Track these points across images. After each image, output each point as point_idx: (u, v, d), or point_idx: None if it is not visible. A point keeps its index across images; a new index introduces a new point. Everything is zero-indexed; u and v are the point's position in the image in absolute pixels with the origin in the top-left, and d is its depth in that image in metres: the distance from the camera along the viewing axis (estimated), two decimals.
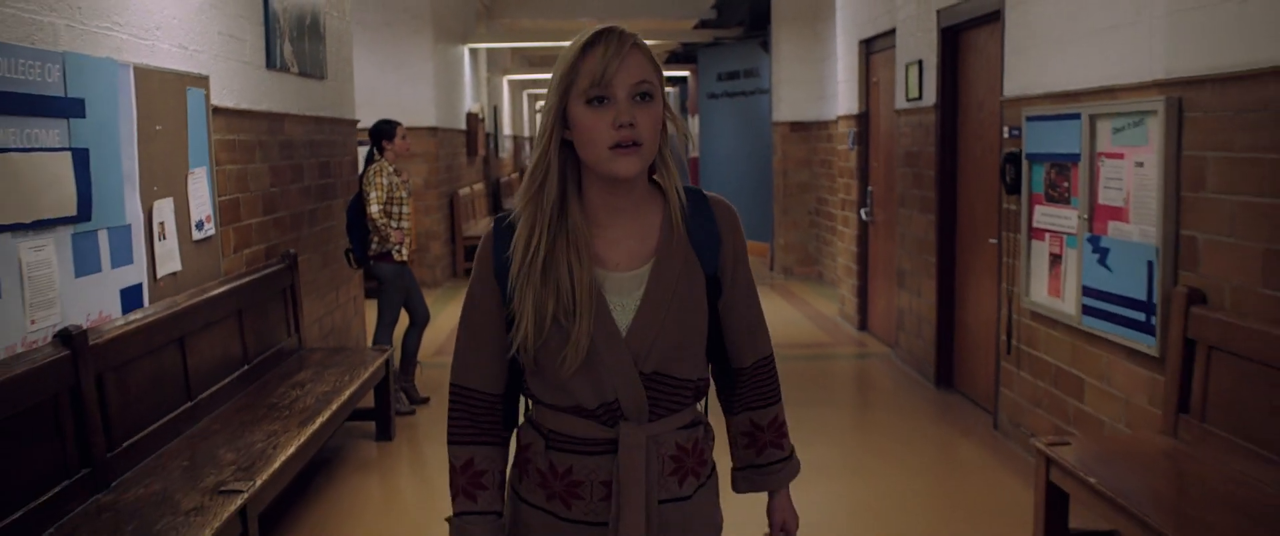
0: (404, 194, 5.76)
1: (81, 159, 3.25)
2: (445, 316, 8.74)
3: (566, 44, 1.65)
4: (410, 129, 8.82)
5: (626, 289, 1.67)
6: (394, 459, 5.16)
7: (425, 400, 6.05)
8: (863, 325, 8.09)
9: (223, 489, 3.21)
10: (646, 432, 1.68)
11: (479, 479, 1.73)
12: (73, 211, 3.20)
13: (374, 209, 5.61)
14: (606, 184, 1.64)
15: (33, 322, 2.99)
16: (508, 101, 19.55)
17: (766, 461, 1.86)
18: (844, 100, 8.38)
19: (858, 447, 5.27)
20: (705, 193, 1.75)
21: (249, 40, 4.92)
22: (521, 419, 1.79)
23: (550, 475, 1.70)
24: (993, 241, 5.35)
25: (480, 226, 12.99)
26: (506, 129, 19.07)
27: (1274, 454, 3.03)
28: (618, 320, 1.66)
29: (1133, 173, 3.83)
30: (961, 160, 5.89)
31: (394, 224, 5.70)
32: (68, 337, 3.07)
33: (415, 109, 10.38)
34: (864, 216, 7.91)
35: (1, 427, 2.73)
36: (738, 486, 1.89)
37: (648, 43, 1.64)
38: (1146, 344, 3.73)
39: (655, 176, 1.70)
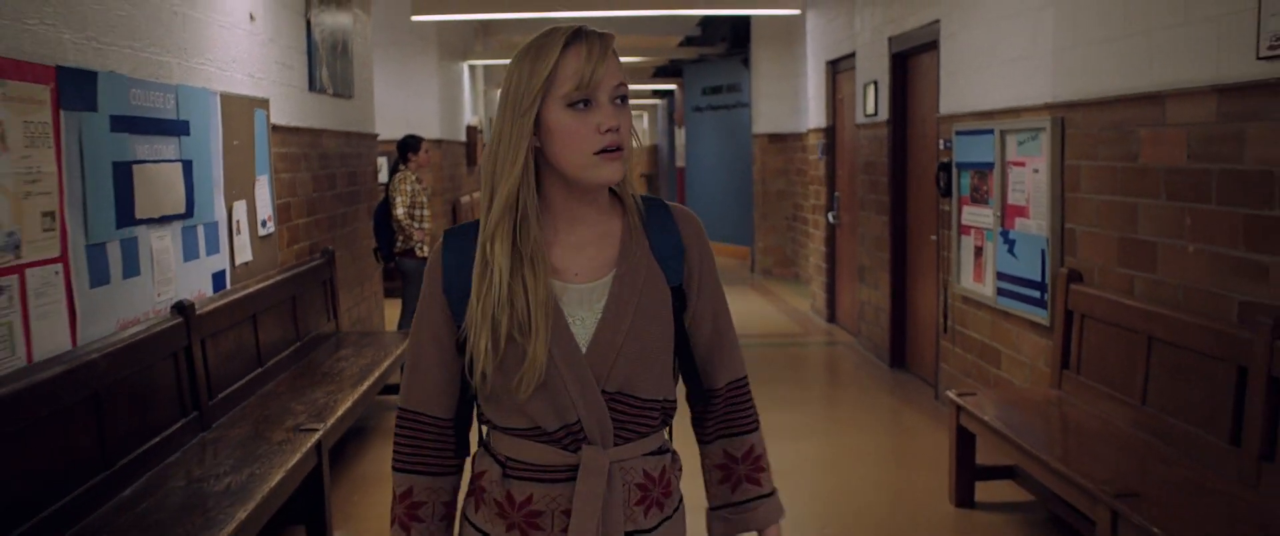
0: (424, 199, 6.62)
1: (187, 169, 4.09)
2: None
3: (528, 40, 1.56)
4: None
5: (586, 301, 1.59)
6: None
7: None
8: (831, 318, 8.96)
9: (301, 428, 4.05)
10: (610, 457, 1.58)
11: (415, 510, 1.66)
12: (182, 210, 4.05)
13: (400, 211, 6.47)
14: (571, 191, 1.58)
15: (159, 295, 3.83)
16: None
17: (742, 498, 1.72)
18: (814, 114, 9.26)
19: (821, 416, 6.13)
20: (666, 202, 1.69)
21: (296, 67, 5.77)
22: (475, 446, 1.71)
23: (507, 505, 1.60)
24: (933, 238, 6.23)
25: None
26: None
27: (1127, 397, 3.89)
28: (577, 335, 1.57)
29: (1031, 178, 4.71)
30: (910, 168, 6.77)
31: (417, 225, 6.55)
32: (182, 308, 3.92)
33: (421, 122, 11.22)
34: (831, 220, 8.79)
35: (140, 375, 3.56)
36: (713, 529, 1.74)
37: (637, 59, 1.81)
38: (1041, 316, 4.60)
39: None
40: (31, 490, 2.84)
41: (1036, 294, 4.66)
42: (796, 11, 9.07)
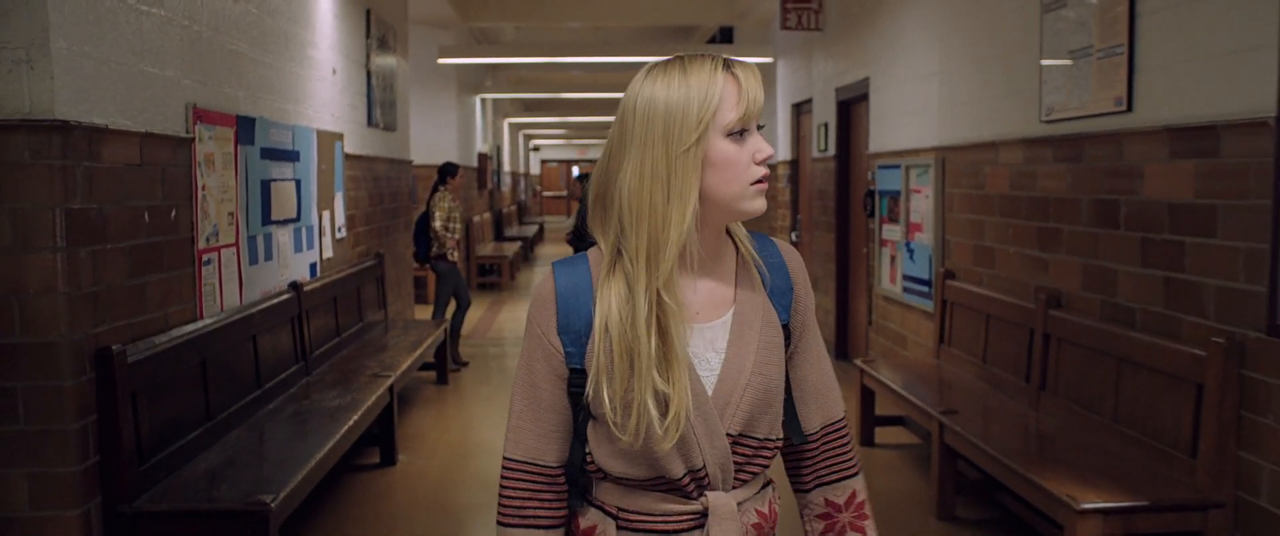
0: (457, 214, 8.15)
1: (298, 186, 5.61)
2: (469, 311, 11.08)
3: (662, 65, 1.50)
4: (436, 167, 11.21)
5: (709, 341, 1.54)
6: (447, 395, 7.50)
7: (465, 363, 8.39)
8: None
9: (377, 375, 5.55)
10: (734, 500, 1.54)
11: None
12: (294, 215, 5.56)
13: (437, 223, 7.99)
14: (703, 229, 1.52)
15: (281, 275, 5.34)
16: (507, 142, 21.99)
17: None
18: (782, 148, 10.81)
19: None
20: (771, 238, 1.65)
21: (360, 107, 7.30)
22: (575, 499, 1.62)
23: None
24: (864, 251, 7.76)
25: (490, 247, 15.37)
26: (506, 166, 21.49)
27: (975, 358, 5.38)
28: (703, 377, 1.53)
29: (924, 202, 6.24)
30: (851, 195, 8.30)
31: (449, 234, 8.07)
32: (295, 286, 5.42)
33: (441, 150, 12.76)
34: (794, 238, 10.32)
35: (275, 329, 5.06)
36: None
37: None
38: (929, 306, 6.12)
39: None
40: (223, 393, 4.33)
41: (927, 289, 6.18)
42: (769, 60, 10.65)
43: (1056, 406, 4.47)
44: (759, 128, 1.53)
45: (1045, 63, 4.62)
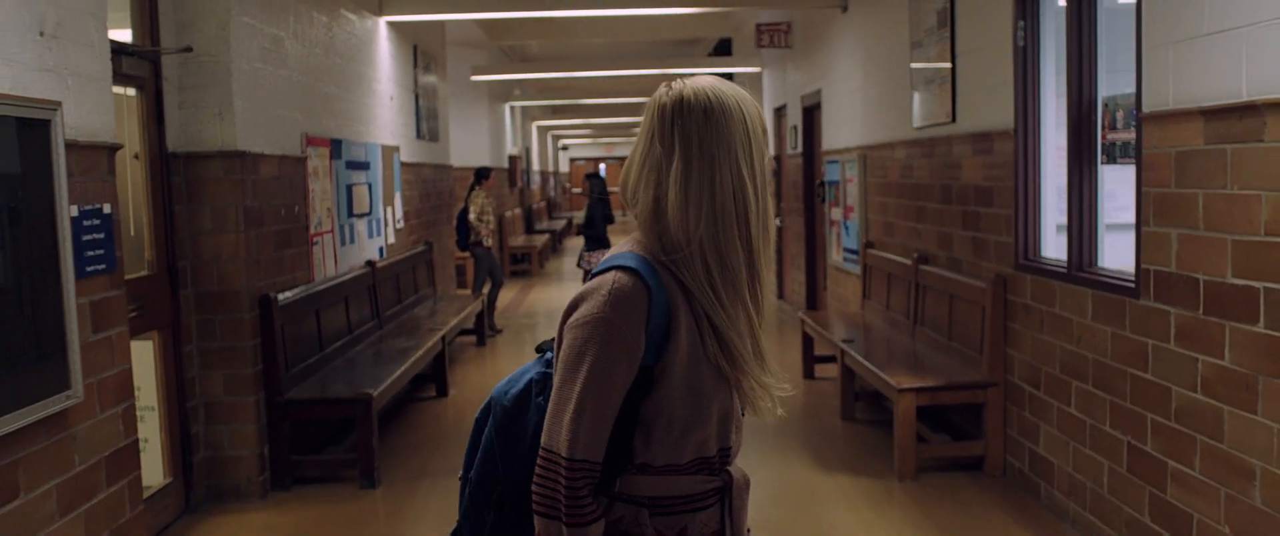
0: (490, 208, 9.97)
1: (369, 188, 7.43)
2: (503, 292, 12.92)
3: (738, 93, 1.70)
4: (471, 169, 13.05)
5: None
6: (485, 354, 9.32)
7: (500, 330, 10.21)
8: (780, 295, 12.21)
9: (431, 328, 7.36)
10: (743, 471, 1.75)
11: None
12: (367, 210, 7.39)
13: (473, 216, 9.82)
14: None
15: (361, 255, 7.16)
16: (536, 143, 23.83)
17: None
18: (769, 145, 12.52)
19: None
20: None
21: (410, 124, 9.11)
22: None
23: None
24: (822, 232, 9.48)
25: (521, 239, 17.22)
26: (536, 165, 23.34)
27: (882, 307, 7.09)
28: None
29: (854, 189, 7.95)
30: (814, 186, 10.02)
31: (484, 225, 9.90)
32: (370, 264, 7.24)
33: (475, 153, 14.59)
34: (778, 223, 12.05)
35: (358, 294, 6.87)
36: None
37: (647, 99, 1.73)
38: (856, 271, 7.84)
39: None
40: (328, 333, 6.14)
41: (856, 257, 7.90)
42: (758, 70, 12.38)
43: (922, 334, 6.19)
44: None
45: (914, 87, 6.34)
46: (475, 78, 13.06)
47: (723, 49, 15.49)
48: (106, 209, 3.59)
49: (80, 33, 3.42)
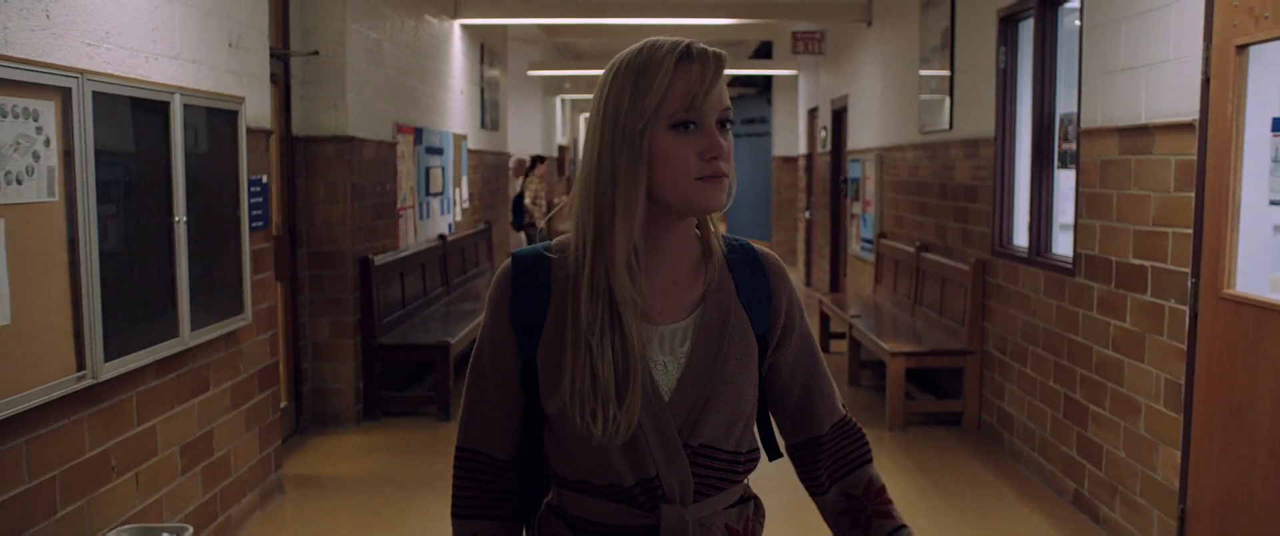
0: (542, 192, 11.01)
1: (443, 171, 8.47)
2: None
3: (631, 50, 1.44)
4: (520, 157, 14.09)
5: (668, 344, 1.49)
6: None
7: None
8: (808, 282, 13.14)
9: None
10: (692, 515, 1.47)
11: None
12: (441, 190, 8.42)
13: (527, 199, 10.86)
14: (657, 221, 1.46)
15: (434, 230, 8.20)
16: (583, 134, 24.87)
17: (878, 534, 1.56)
18: (802, 144, 13.46)
19: None
20: (753, 245, 1.58)
21: (475, 115, 10.15)
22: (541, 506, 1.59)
23: None
24: (845, 225, 10.41)
25: (568, 223, 18.24)
26: (583, 155, 24.37)
27: (891, 289, 8.01)
28: (660, 382, 1.47)
29: (872, 185, 8.88)
30: (840, 182, 10.94)
31: (537, 208, 10.93)
32: (442, 237, 8.28)
33: (528, 143, 15.62)
34: (807, 216, 12.97)
35: (430, 263, 7.91)
36: None
37: None
38: (871, 258, 8.77)
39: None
40: (410, 294, 7.19)
41: (872, 246, 8.84)
42: (794, 72, 13.30)
43: (921, 312, 7.13)
44: (727, 123, 1.45)
45: (920, 97, 7.27)
46: (531, 73, 14.08)
47: (763, 51, 16.41)
48: (265, 179, 4.63)
49: (253, 43, 4.46)
